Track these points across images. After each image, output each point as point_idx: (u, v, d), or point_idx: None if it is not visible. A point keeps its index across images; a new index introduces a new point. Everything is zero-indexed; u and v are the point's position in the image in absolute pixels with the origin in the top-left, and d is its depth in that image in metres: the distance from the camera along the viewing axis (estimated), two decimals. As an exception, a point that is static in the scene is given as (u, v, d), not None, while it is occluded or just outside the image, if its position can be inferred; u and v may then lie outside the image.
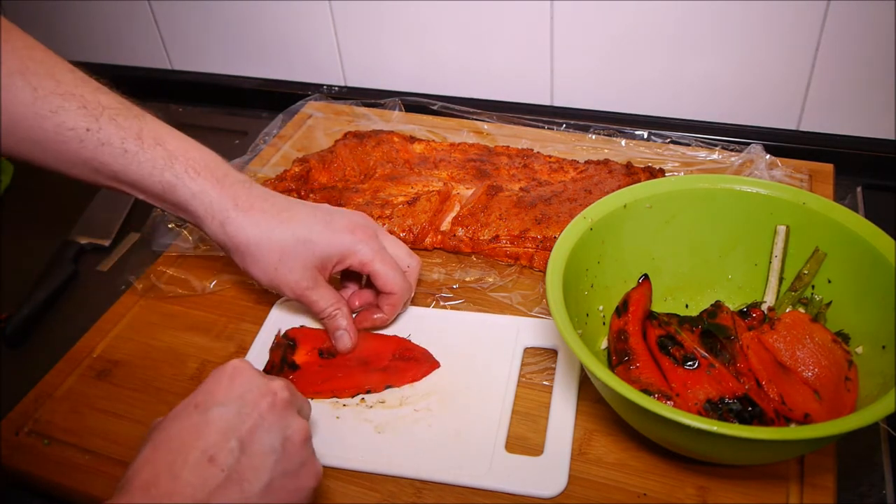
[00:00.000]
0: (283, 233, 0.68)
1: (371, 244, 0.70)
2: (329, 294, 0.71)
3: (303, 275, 0.69)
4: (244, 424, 0.51)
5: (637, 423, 0.60)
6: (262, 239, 0.67)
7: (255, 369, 0.55)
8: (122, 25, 1.28)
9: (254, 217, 0.67)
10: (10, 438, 0.69)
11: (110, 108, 0.65)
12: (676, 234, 0.72)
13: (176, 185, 0.66)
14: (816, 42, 0.92)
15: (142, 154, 0.65)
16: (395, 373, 0.70)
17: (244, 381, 0.53)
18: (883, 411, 0.51)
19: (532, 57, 1.06)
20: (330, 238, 0.69)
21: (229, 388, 0.53)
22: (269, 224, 0.67)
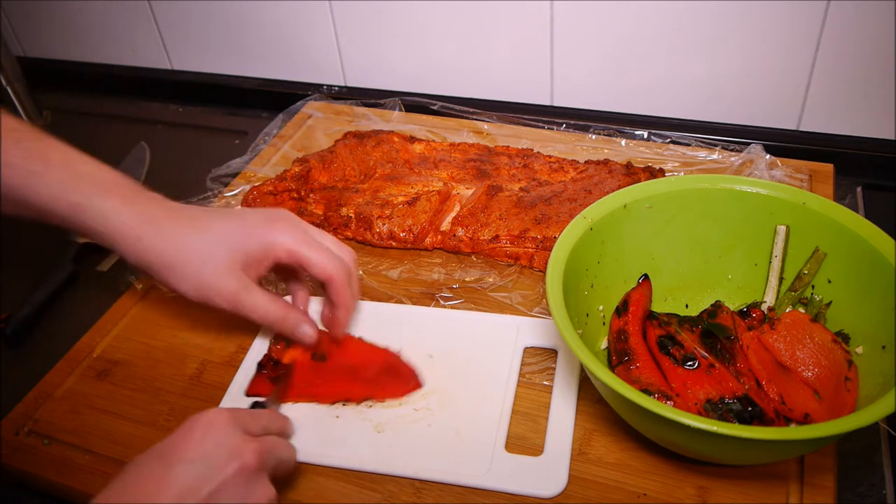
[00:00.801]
0: (200, 239, 0.65)
1: (293, 232, 0.67)
2: (264, 296, 0.67)
3: (230, 279, 0.65)
4: (205, 488, 0.50)
5: (637, 423, 0.60)
6: (179, 249, 0.64)
7: (234, 423, 0.54)
8: (122, 25, 1.28)
9: (168, 230, 0.64)
10: (10, 438, 0.69)
11: (14, 130, 0.63)
12: (676, 234, 0.72)
13: (85, 207, 0.63)
14: (816, 42, 0.92)
15: (48, 175, 0.62)
16: (378, 387, 0.69)
17: (216, 438, 0.52)
18: (883, 411, 0.51)
19: (532, 57, 1.06)
20: (249, 233, 0.66)
21: (199, 444, 0.52)
22: (184, 234, 0.65)
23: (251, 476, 0.53)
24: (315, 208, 0.90)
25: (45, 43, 1.38)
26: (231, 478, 0.51)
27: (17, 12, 1.36)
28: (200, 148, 1.17)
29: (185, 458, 0.51)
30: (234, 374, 0.72)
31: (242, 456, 0.52)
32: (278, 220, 0.68)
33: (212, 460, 0.51)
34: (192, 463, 0.50)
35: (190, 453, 0.51)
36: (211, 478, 0.50)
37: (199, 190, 0.98)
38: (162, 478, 0.50)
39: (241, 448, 0.53)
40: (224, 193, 0.97)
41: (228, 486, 0.51)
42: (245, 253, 0.66)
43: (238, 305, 0.66)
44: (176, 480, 0.49)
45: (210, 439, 0.52)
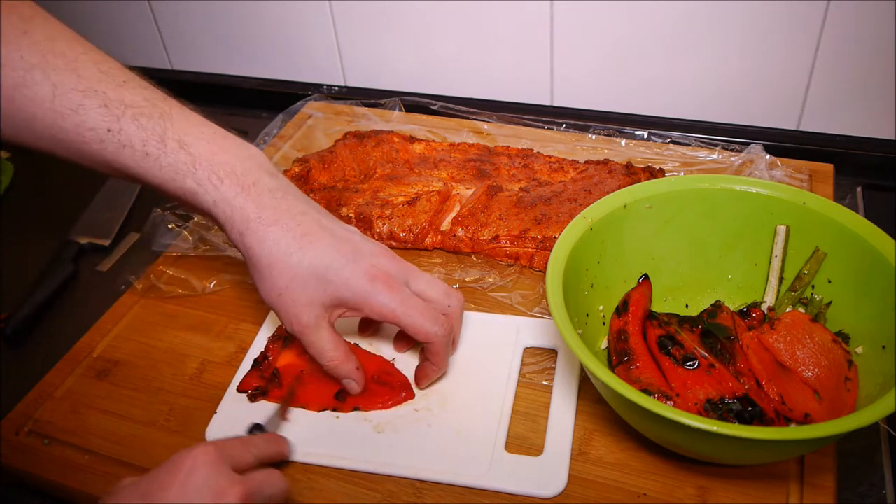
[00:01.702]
0: (300, 259, 0.62)
1: (394, 294, 0.63)
2: (331, 340, 0.65)
3: (306, 310, 0.63)
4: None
5: (637, 423, 0.60)
6: (274, 259, 0.62)
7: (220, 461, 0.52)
8: (122, 25, 1.28)
9: (273, 234, 0.62)
10: (10, 438, 0.69)
11: (133, 106, 0.62)
12: (676, 234, 0.72)
13: (197, 192, 0.62)
14: (816, 42, 0.92)
15: (163, 158, 0.62)
16: (369, 395, 0.68)
17: (200, 479, 0.51)
18: (883, 411, 0.51)
19: (532, 57, 1.06)
20: (347, 280, 0.62)
21: (182, 486, 0.50)
22: (287, 245, 0.62)
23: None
24: (315, 208, 0.90)
25: (45, 43, 1.38)
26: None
27: (17, 12, 1.36)
28: (200, 148, 1.17)
29: (169, 499, 0.49)
30: (234, 373, 0.72)
31: (225, 499, 0.51)
32: (383, 276, 0.63)
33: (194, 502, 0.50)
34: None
35: (172, 495, 0.49)
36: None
37: (199, 190, 0.98)
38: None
39: (224, 491, 0.51)
40: (224, 193, 0.97)
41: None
42: (334, 297, 0.63)
43: (301, 337, 0.64)
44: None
45: (193, 481, 0.50)
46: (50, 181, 1.14)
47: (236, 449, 0.55)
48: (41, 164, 1.18)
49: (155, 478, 0.51)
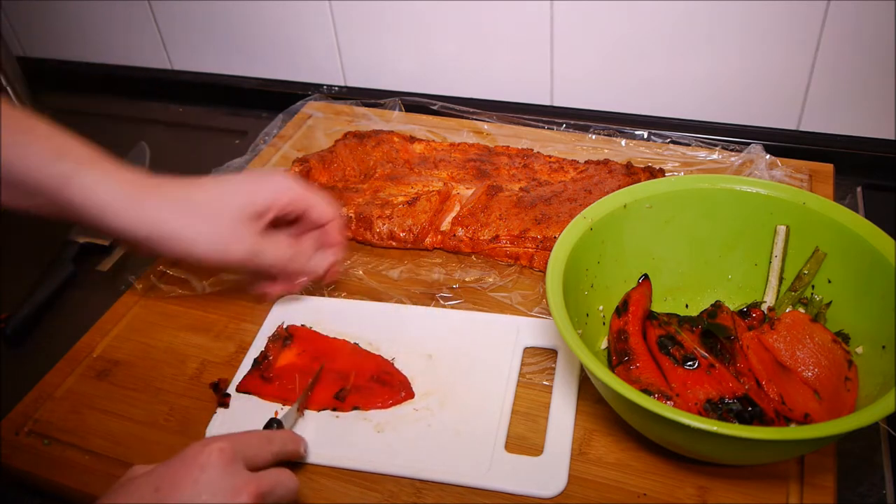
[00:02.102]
0: (209, 196, 0.63)
1: (292, 181, 0.69)
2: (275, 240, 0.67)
3: (246, 228, 0.64)
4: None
5: (637, 423, 0.60)
6: (189, 207, 0.62)
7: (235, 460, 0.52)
8: (122, 25, 1.28)
9: (169, 192, 0.62)
10: (10, 438, 0.69)
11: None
12: (676, 234, 0.72)
13: (71, 177, 0.59)
14: (816, 42, 0.92)
15: (34, 144, 0.59)
16: (368, 395, 0.69)
17: (213, 477, 0.50)
18: (883, 411, 0.51)
19: (532, 57, 1.06)
20: (254, 184, 0.66)
21: (195, 482, 0.50)
22: (188, 192, 0.63)
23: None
24: (315, 208, 0.90)
25: (45, 43, 1.38)
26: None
27: (17, 12, 1.36)
28: (200, 148, 1.17)
29: (178, 498, 0.49)
30: (234, 373, 0.72)
31: (238, 498, 0.50)
32: (276, 174, 0.70)
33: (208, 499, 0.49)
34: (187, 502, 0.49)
35: (186, 491, 0.49)
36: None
37: (199, 190, 0.98)
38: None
39: (238, 490, 0.50)
40: (224, 193, 0.97)
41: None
42: (253, 203, 0.65)
43: (257, 249, 0.65)
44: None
45: (205, 480, 0.50)
46: (50, 181, 1.14)
47: (253, 446, 0.55)
48: (41, 164, 1.18)
49: (168, 472, 0.50)
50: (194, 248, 0.63)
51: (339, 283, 0.82)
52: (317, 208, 0.70)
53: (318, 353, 0.73)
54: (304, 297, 0.80)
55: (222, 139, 1.17)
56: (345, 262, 0.85)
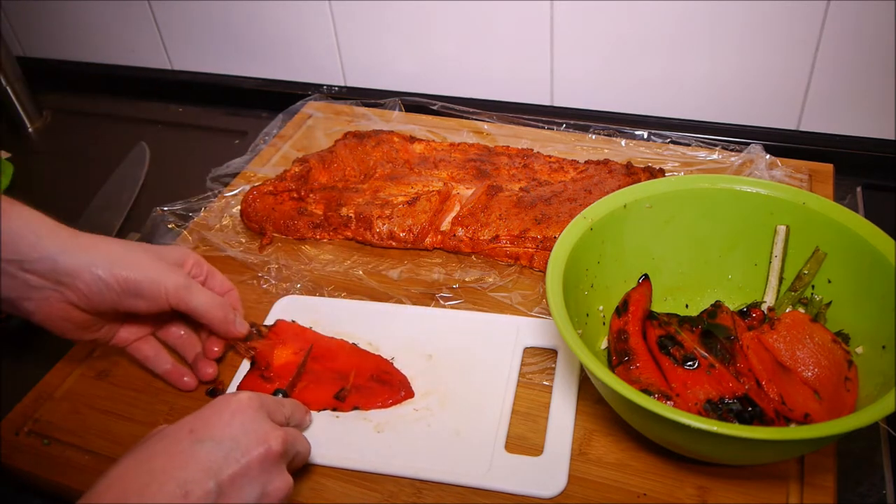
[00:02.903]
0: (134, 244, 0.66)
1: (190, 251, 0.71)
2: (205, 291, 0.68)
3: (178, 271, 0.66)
4: (229, 468, 0.50)
5: (637, 423, 0.59)
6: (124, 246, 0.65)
7: (262, 409, 0.55)
8: (122, 25, 1.28)
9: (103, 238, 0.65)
10: (10, 438, 0.69)
11: None
12: (676, 234, 0.72)
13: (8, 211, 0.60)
14: (816, 42, 0.92)
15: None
16: (368, 394, 0.69)
17: (245, 421, 0.53)
18: (883, 411, 0.51)
19: (532, 57, 1.06)
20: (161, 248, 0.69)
21: (227, 425, 0.52)
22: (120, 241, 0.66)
23: (274, 463, 0.53)
24: (315, 208, 0.90)
25: (45, 43, 1.38)
26: (255, 462, 0.52)
27: (17, 12, 1.36)
28: (200, 148, 1.17)
29: (214, 437, 0.51)
30: (234, 373, 0.72)
31: (268, 442, 0.53)
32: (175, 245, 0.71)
33: (239, 442, 0.52)
34: (219, 442, 0.51)
35: (219, 432, 0.52)
36: (236, 460, 0.51)
37: (199, 190, 0.98)
38: (189, 452, 0.50)
39: (267, 434, 0.53)
40: (224, 193, 0.97)
41: (251, 471, 0.51)
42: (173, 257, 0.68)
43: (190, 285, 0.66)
44: (202, 456, 0.50)
45: (238, 421, 0.53)
46: (50, 181, 1.14)
47: (273, 404, 0.58)
48: (41, 164, 1.18)
49: (201, 417, 0.53)
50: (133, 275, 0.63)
51: (339, 283, 0.82)
52: (217, 275, 0.72)
53: (317, 352, 0.73)
54: (304, 296, 0.80)
55: (222, 139, 1.17)
56: (344, 262, 0.85)
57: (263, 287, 0.82)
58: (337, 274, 0.84)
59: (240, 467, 0.51)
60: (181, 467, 0.49)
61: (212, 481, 0.49)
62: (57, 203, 1.10)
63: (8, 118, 1.24)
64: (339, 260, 0.86)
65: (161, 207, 0.93)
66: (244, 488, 0.51)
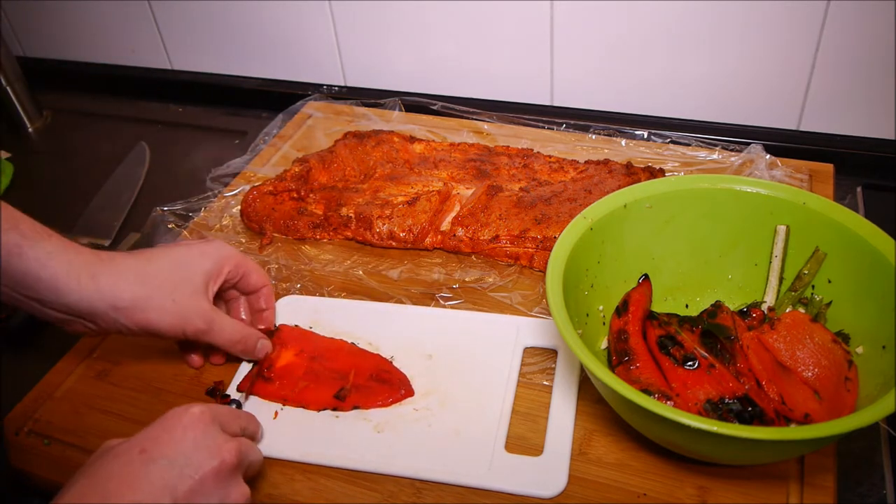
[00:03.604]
0: (160, 265, 0.64)
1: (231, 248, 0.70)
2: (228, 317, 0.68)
3: (203, 299, 0.65)
4: (184, 485, 0.50)
5: (637, 423, 0.59)
6: (142, 278, 0.62)
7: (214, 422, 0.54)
8: (122, 25, 1.28)
9: (123, 264, 0.62)
10: (10, 438, 0.69)
11: None
12: (676, 233, 0.72)
13: (22, 246, 0.57)
14: (816, 42, 0.92)
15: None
16: (368, 394, 0.69)
17: (196, 436, 0.53)
18: (883, 411, 0.51)
19: (532, 57, 1.06)
20: (201, 252, 0.67)
21: (179, 441, 0.52)
22: (141, 264, 0.63)
23: (229, 475, 0.53)
24: (315, 208, 0.90)
25: (45, 43, 1.38)
26: (210, 476, 0.52)
27: (17, 12, 1.36)
28: (200, 148, 1.17)
29: (166, 455, 0.51)
30: (234, 374, 0.72)
31: (221, 454, 0.53)
32: (212, 240, 0.71)
33: (191, 458, 0.51)
34: (172, 460, 0.51)
35: (170, 450, 0.51)
36: (190, 476, 0.51)
37: (199, 190, 0.98)
38: (142, 473, 0.50)
39: (220, 447, 0.53)
40: (224, 193, 0.97)
41: (207, 485, 0.51)
42: (204, 273, 0.66)
43: (210, 326, 0.66)
44: (155, 476, 0.50)
45: (190, 437, 0.52)
46: (50, 181, 1.14)
47: (226, 416, 0.58)
48: (41, 165, 1.18)
49: (151, 434, 0.52)
50: (151, 318, 0.63)
51: (339, 283, 0.82)
52: (254, 274, 0.72)
53: (317, 352, 0.73)
54: (304, 296, 0.80)
55: (222, 139, 1.17)
56: (344, 262, 0.85)
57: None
58: (337, 274, 0.84)
59: (194, 483, 0.51)
60: (134, 488, 0.49)
61: (167, 500, 0.49)
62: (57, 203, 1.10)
63: (8, 118, 1.24)
64: (339, 260, 0.86)
65: (161, 207, 0.93)
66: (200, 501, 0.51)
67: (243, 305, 0.74)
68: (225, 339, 0.68)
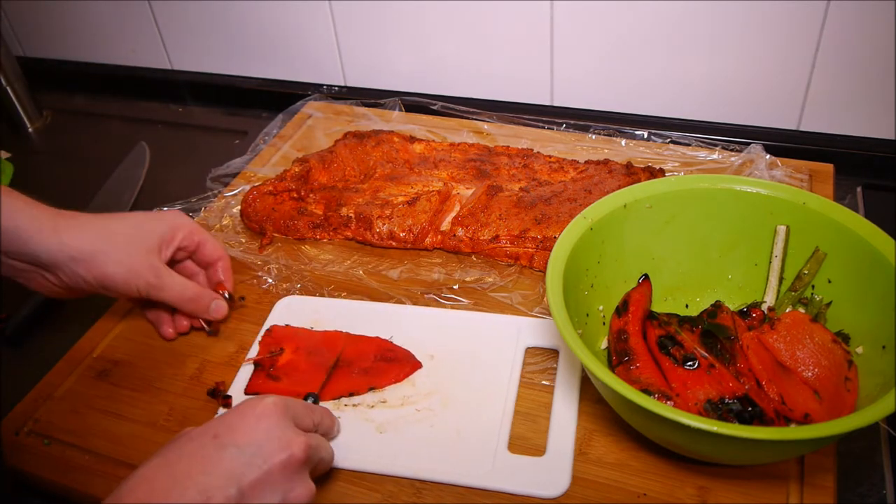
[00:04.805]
0: (118, 224, 0.69)
1: (187, 218, 0.75)
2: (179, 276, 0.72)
3: (154, 257, 0.70)
4: (251, 474, 0.51)
5: (637, 423, 0.59)
6: (102, 234, 0.68)
7: (287, 414, 0.55)
8: (122, 25, 1.28)
9: (85, 220, 0.68)
10: (10, 438, 0.69)
11: None
12: (676, 234, 0.72)
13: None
14: (816, 42, 0.92)
15: None
16: (378, 374, 0.70)
17: (269, 427, 0.53)
18: (883, 411, 0.51)
19: (532, 57, 1.06)
20: (153, 217, 0.72)
21: (252, 431, 0.53)
22: (101, 222, 0.69)
23: (296, 470, 0.53)
24: (315, 208, 0.90)
25: (45, 43, 1.38)
26: (277, 468, 0.52)
27: (17, 12, 1.36)
28: (200, 148, 1.17)
29: (237, 442, 0.51)
30: (234, 374, 0.72)
31: (291, 448, 0.53)
32: (171, 211, 0.76)
33: (262, 448, 0.52)
34: (242, 448, 0.51)
35: (242, 438, 0.52)
36: (258, 466, 0.51)
37: (199, 190, 0.98)
38: (212, 457, 0.50)
39: (291, 441, 0.54)
40: (224, 193, 0.97)
41: (273, 477, 0.52)
42: (158, 235, 0.71)
43: (161, 281, 0.70)
44: (225, 462, 0.50)
45: (263, 427, 0.53)
46: (50, 181, 1.14)
47: (300, 410, 0.58)
48: (41, 164, 1.18)
49: (225, 421, 0.53)
50: (107, 271, 0.68)
51: (340, 283, 0.82)
52: (209, 243, 0.75)
53: (313, 346, 0.73)
54: (305, 297, 0.80)
55: (222, 139, 1.17)
56: (344, 262, 0.85)
57: (264, 287, 0.82)
58: (337, 274, 0.84)
59: (262, 473, 0.51)
60: (204, 472, 0.49)
61: (233, 487, 0.49)
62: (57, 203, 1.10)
63: (8, 118, 1.24)
64: (339, 260, 0.86)
65: (161, 207, 0.93)
66: (265, 494, 0.51)
67: (202, 279, 0.78)
68: (175, 295, 0.72)
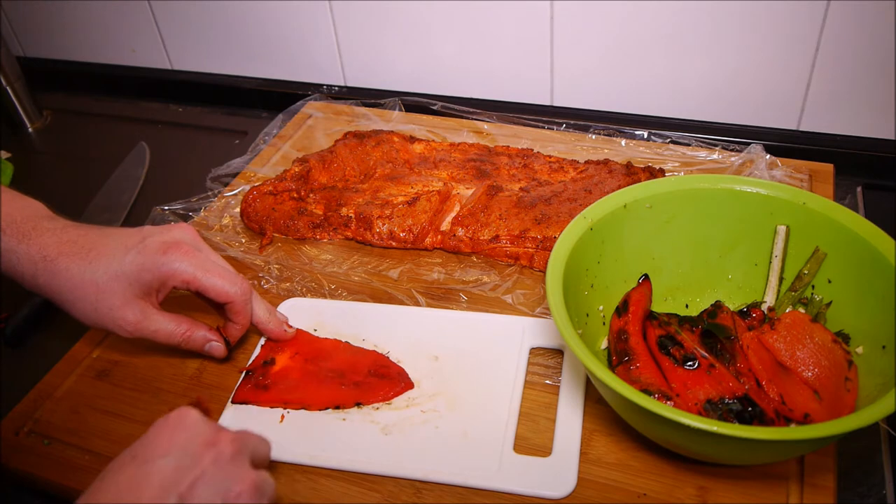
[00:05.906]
0: (94, 272, 0.65)
1: (190, 259, 0.67)
2: (165, 321, 0.68)
3: (127, 310, 0.66)
4: (185, 479, 0.49)
5: (637, 423, 0.59)
6: (73, 286, 0.65)
7: (202, 416, 0.53)
8: (122, 25, 1.28)
9: (61, 266, 0.65)
10: (10, 438, 0.69)
11: None
12: (676, 234, 0.72)
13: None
14: (816, 42, 0.92)
15: None
16: (368, 389, 0.69)
17: (187, 430, 0.51)
18: (883, 411, 0.51)
19: (532, 57, 1.06)
20: (143, 264, 0.66)
21: (171, 439, 0.51)
22: (78, 268, 0.65)
23: (230, 463, 0.51)
24: (315, 208, 0.90)
25: (45, 43, 1.38)
26: (210, 465, 0.50)
27: (17, 12, 1.36)
28: (200, 148, 1.17)
29: (160, 454, 0.50)
30: (235, 374, 0.72)
31: (218, 444, 0.51)
32: (174, 246, 0.67)
33: (187, 451, 0.50)
34: (167, 457, 0.49)
35: (162, 449, 0.50)
36: (188, 468, 0.49)
37: (199, 190, 0.98)
38: (138, 477, 0.48)
39: (214, 436, 0.52)
40: (224, 193, 0.97)
41: (208, 475, 0.50)
42: (141, 284, 0.66)
43: (140, 334, 0.67)
44: (153, 477, 0.48)
45: (180, 433, 0.51)
46: (50, 181, 1.14)
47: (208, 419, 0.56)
48: (41, 164, 1.18)
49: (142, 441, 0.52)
50: (86, 320, 0.67)
51: (340, 284, 0.82)
52: (212, 291, 0.68)
53: (312, 354, 0.73)
54: (308, 299, 0.80)
55: (222, 139, 1.17)
56: (344, 262, 0.85)
57: (264, 287, 0.82)
58: (337, 274, 0.84)
59: (195, 474, 0.49)
60: (136, 492, 0.48)
61: (172, 496, 0.48)
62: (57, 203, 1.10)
63: (8, 118, 1.24)
64: (339, 260, 0.86)
65: (161, 207, 0.93)
66: (205, 493, 0.49)
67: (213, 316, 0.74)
68: (164, 342, 0.69)
